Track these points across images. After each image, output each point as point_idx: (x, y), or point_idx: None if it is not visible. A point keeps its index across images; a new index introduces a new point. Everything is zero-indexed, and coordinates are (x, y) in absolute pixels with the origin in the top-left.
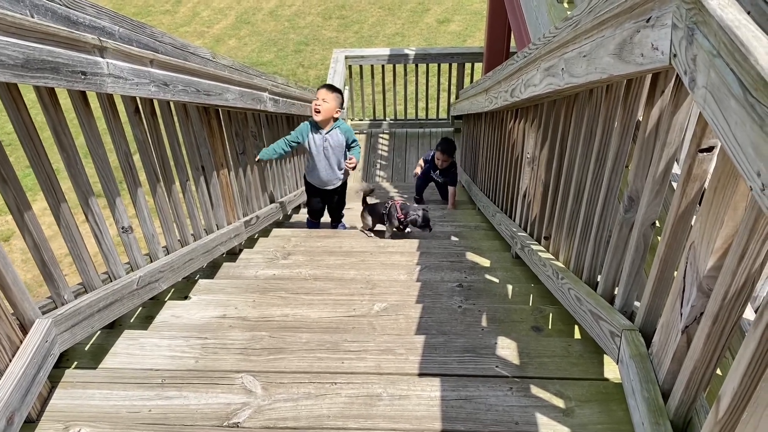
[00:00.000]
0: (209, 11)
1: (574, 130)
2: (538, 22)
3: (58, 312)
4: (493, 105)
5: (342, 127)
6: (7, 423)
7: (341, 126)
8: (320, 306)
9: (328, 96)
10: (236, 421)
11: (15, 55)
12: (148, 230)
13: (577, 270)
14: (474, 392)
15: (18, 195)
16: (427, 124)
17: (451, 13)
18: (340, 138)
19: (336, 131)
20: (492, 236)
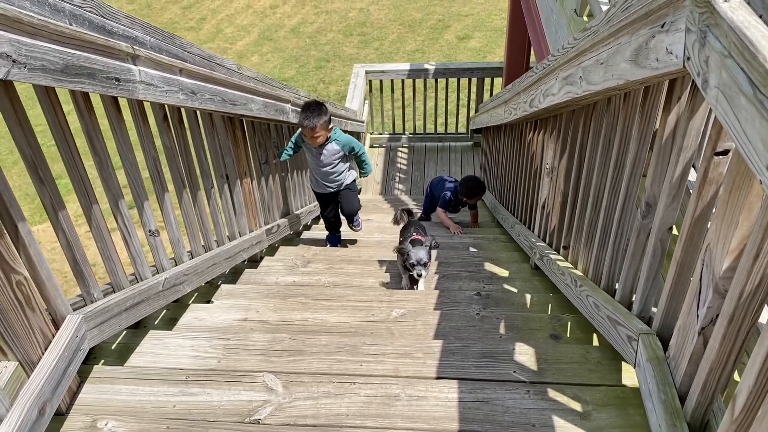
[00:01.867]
0: (233, 28)
1: (593, 139)
2: (557, 36)
3: (88, 309)
4: (513, 116)
5: (340, 139)
6: (39, 413)
7: (338, 139)
8: (339, 311)
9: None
10: (257, 417)
11: (56, 60)
12: (173, 234)
13: (596, 278)
14: (491, 395)
15: (54, 195)
16: (446, 138)
17: (471, 29)
18: (337, 150)
19: (330, 145)
20: (511, 248)
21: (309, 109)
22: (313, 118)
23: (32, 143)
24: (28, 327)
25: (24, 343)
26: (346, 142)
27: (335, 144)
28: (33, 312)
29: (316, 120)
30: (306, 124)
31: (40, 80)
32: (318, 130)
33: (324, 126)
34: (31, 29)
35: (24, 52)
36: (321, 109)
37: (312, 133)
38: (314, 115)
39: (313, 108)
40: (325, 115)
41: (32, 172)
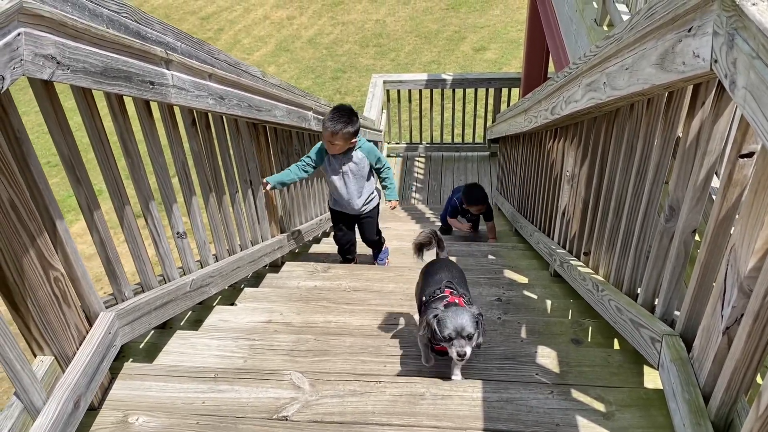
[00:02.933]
0: (250, 39)
1: (615, 145)
2: (577, 45)
3: (120, 307)
4: (533, 124)
5: (363, 147)
6: (74, 406)
7: (362, 147)
8: (361, 314)
9: (335, 137)
10: (285, 414)
11: (96, 63)
12: (200, 237)
13: (617, 282)
14: (515, 394)
15: (89, 195)
16: (463, 148)
17: (487, 41)
18: (361, 160)
19: (355, 153)
20: (529, 255)
21: (339, 113)
22: (340, 123)
23: (70, 143)
24: (64, 322)
25: (60, 338)
26: (369, 148)
27: (358, 151)
28: (69, 308)
29: (342, 126)
30: (329, 127)
31: (81, 82)
32: (339, 138)
33: (347, 136)
34: (75, 32)
35: (68, 55)
36: (352, 118)
37: (333, 139)
38: (343, 120)
39: (343, 113)
40: (353, 125)
41: (69, 172)
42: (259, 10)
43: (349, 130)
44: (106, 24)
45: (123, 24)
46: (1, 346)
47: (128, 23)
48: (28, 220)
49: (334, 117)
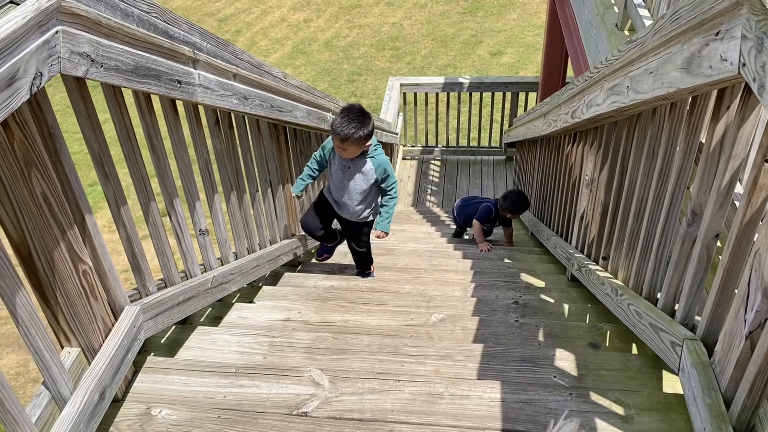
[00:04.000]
0: (267, 41)
1: (636, 149)
2: (597, 50)
3: (144, 301)
4: (552, 128)
5: (376, 159)
6: (100, 397)
7: (375, 158)
8: (379, 314)
9: (346, 143)
10: (305, 410)
11: (128, 61)
12: (221, 235)
13: (637, 287)
14: (534, 396)
15: (117, 190)
16: (479, 152)
17: (503, 45)
18: (369, 169)
19: (367, 163)
20: (546, 260)
21: (349, 114)
22: (350, 127)
23: (100, 140)
24: (91, 315)
25: (87, 330)
26: (382, 161)
27: (369, 162)
28: (96, 301)
29: (353, 130)
30: (339, 131)
31: (113, 80)
32: (349, 144)
33: (359, 141)
34: (108, 31)
35: (101, 53)
36: (364, 120)
37: (342, 144)
38: (353, 123)
39: (355, 114)
40: (365, 128)
41: (98, 168)
42: (277, 12)
43: (361, 134)
44: (136, 23)
45: (152, 23)
46: (32, 335)
47: (157, 23)
48: (60, 214)
49: (344, 120)
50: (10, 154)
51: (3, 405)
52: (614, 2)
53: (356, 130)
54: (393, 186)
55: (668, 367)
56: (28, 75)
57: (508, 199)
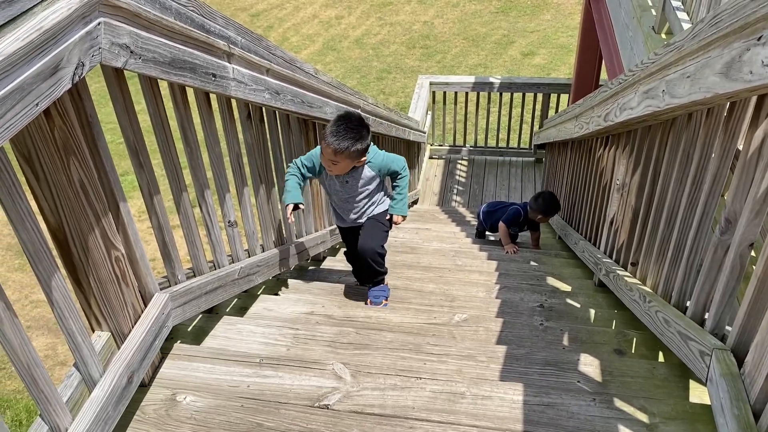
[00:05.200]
0: (298, 37)
1: (670, 155)
2: (632, 53)
3: (173, 289)
4: (584, 131)
5: (374, 162)
6: (128, 381)
7: (372, 162)
8: (402, 312)
9: (339, 156)
10: (326, 403)
11: (165, 53)
12: (249, 227)
13: (666, 294)
14: (556, 399)
15: (150, 180)
16: (508, 153)
17: (536, 46)
18: (369, 176)
19: (364, 170)
20: (573, 264)
21: (347, 123)
22: (346, 139)
23: (136, 130)
24: (122, 300)
25: (117, 315)
26: (381, 163)
27: (368, 169)
28: (127, 287)
29: (348, 142)
30: (332, 142)
31: (150, 71)
32: (343, 158)
33: (353, 156)
34: (147, 23)
35: (140, 44)
36: (362, 133)
37: (335, 157)
38: (351, 134)
39: (353, 124)
40: (363, 141)
41: (133, 157)
42: (309, 8)
43: (358, 147)
44: (174, 16)
45: (189, 17)
46: (66, 318)
47: (194, 16)
48: (96, 201)
49: (339, 128)
50: (50, 141)
51: (37, 384)
52: (652, 5)
53: (353, 142)
54: (402, 170)
55: (696, 376)
56: (70, 65)
57: (540, 199)
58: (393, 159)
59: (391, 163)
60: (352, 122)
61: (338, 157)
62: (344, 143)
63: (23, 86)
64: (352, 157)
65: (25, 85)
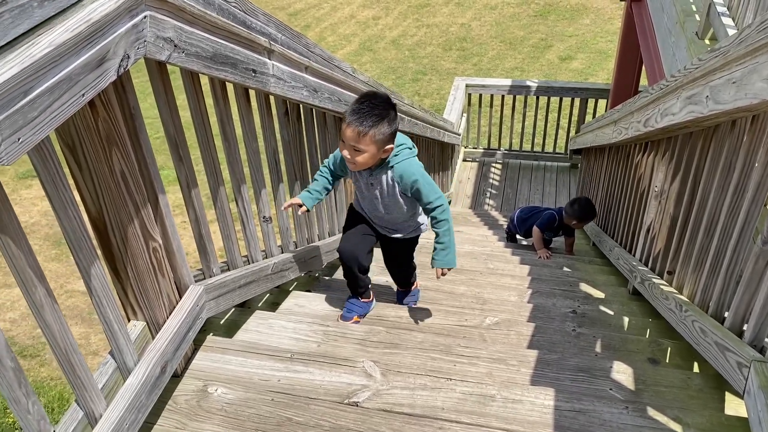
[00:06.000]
0: (335, 37)
1: (711, 162)
2: (674, 59)
3: (208, 281)
4: (622, 136)
5: (398, 168)
6: (161, 371)
7: (396, 166)
8: (433, 313)
9: (363, 141)
10: (356, 400)
11: (207, 48)
12: (283, 223)
13: (703, 304)
14: (588, 406)
15: (189, 173)
16: (543, 157)
17: (574, 50)
18: (391, 184)
19: (387, 176)
20: (607, 271)
21: (368, 101)
22: (369, 117)
23: (176, 123)
24: (158, 291)
25: (153, 305)
26: (405, 170)
27: (390, 173)
28: (163, 278)
29: (371, 123)
30: (352, 122)
31: (192, 65)
32: (366, 143)
33: (379, 140)
34: (191, 18)
35: (184, 39)
36: (388, 111)
37: (355, 140)
38: (373, 112)
39: (376, 101)
40: (389, 123)
41: (173, 150)
42: (346, 9)
43: (384, 130)
44: (216, 11)
45: (231, 12)
46: (104, 306)
47: (236, 12)
48: (136, 192)
49: (362, 107)
50: (94, 132)
51: (74, 370)
52: (696, 10)
53: (378, 120)
54: (437, 204)
55: (732, 388)
56: (116, 57)
57: (576, 204)
58: (422, 174)
59: (416, 175)
60: (377, 99)
61: (361, 141)
62: (368, 121)
63: (71, 76)
64: (378, 142)
65: (72, 75)
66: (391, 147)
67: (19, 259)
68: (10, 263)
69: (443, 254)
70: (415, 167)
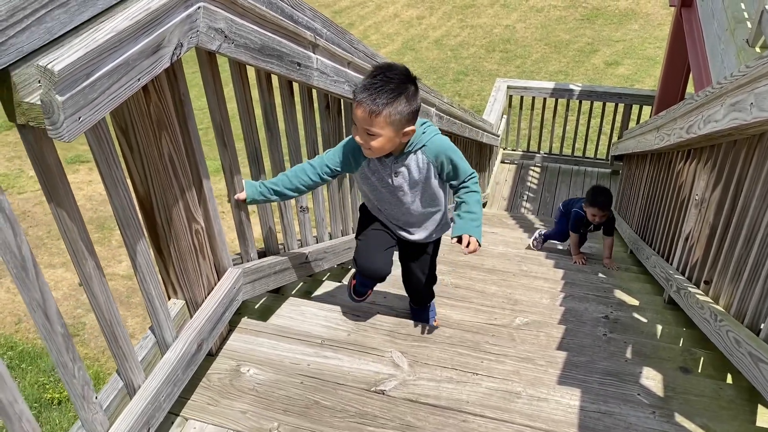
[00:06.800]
0: (378, 35)
1: (754, 171)
2: (723, 66)
3: (246, 265)
4: (664, 143)
5: (430, 147)
6: (198, 348)
7: (428, 145)
8: (462, 310)
9: (377, 122)
10: (382, 388)
11: (255, 40)
12: (319, 214)
13: (739, 315)
14: (614, 408)
15: (233, 159)
16: (583, 162)
17: (621, 56)
18: (423, 165)
19: (417, 158)
20: (643, 279)
21: (382, 73)
22: (383, 92)
23: (223, 111)
24: (198, 272)
25: (193, 285)
26: (440, 147)
27: (420, 155)
28: (204, 259)
29: (385, 97)
30: (363, 100)
31: (241, 56)
32: (380, 125)
33: (396, 120)
34: (242, 10)
35: (234, 30)
36: (406, 85)
37: (368, 123)
38: (387, 87)
39: (391, 74)
40: (408, 100)
41: (218, 137)
42: (390, 8)
43: (401, 108)
44: (266, 5)
45: (279, 7)
46: (147, 282)
47: (284, 7)
48: (182, 175)
49: (375, 82)
50: (146, 116)
51: (117, 341)
52: (747, 17)
53: (395, 96)
54: (471, 177)
55: (765, 401)
56: (171, 45)
57: (587, 194)
58: (454, 149)
59: (450, 151)
60: (392, 72)
61: (375, 123)
62: (381, 98)
63: (128, 61)
64: (395, 123)
65: (130, 61)
66: (412, 129)
67: (73, 232)
68: (64, 235)
69: (474, 225)
70: (447, 142)
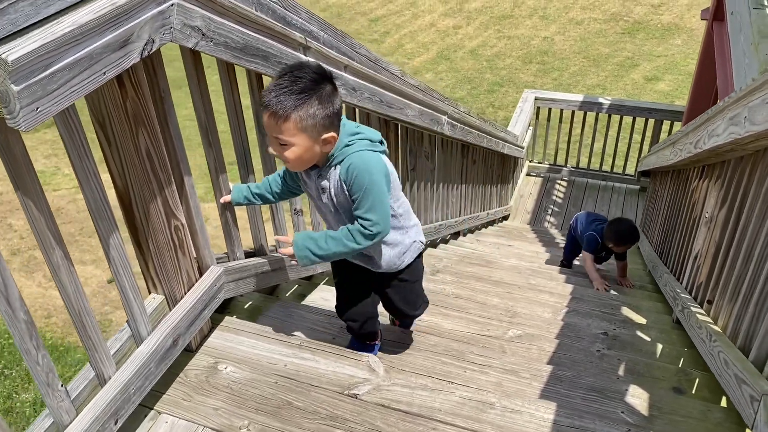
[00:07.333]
0: (413, 44)
1: (756, 188)
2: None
3: (229, 264)
4: (677, 158)
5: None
6: (173, 343)
7: (347, 160)
8: (456, 320)
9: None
10: (356, 392)
11: (237, 39)
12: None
13: (733, 335)
14: (588, 424)
15: (218, 159)
16: (611, 178)
17: (662, 71)
18: (338, 186)
19: (336, 173)
20: (655, 298)
21: (291, 72)
22: (289, 94)
23: (207, 109)
24: (177, 267)
25: (172, 280)
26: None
27: (339, 170)
28: (183, 255)
29: (288, 102)
30: (269, 101)
31: (221, 54)
32: (288, 131)
33: (307, 125)
34: (221, 9)
35: (212, 28)
36: (319, 84)
37: (274, 129)
38: (295, 86)
39: (301, 73)
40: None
41: (203, 135)
42: (427, 17)
43: (311, 111)
44: (254, 6)
45: (270, 8)
46: (120, 275)
47: (275, 8)
48: (160, 171)
49: (282, 81)
50: (122, 110)
51: (86, 331)
52: None
53: (300, 102)
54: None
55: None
56: (140, 40)
57: (613, 225)
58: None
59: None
60: (303, 71)
61: (283, 130)
62: (288, 101)
63: (92, 55)
64: (308, 129)
65: (94, 54)
66: (332, 136)
67: (39, 221)
68: (32, 224)
69: (310, 243)
70: (372, 164)
